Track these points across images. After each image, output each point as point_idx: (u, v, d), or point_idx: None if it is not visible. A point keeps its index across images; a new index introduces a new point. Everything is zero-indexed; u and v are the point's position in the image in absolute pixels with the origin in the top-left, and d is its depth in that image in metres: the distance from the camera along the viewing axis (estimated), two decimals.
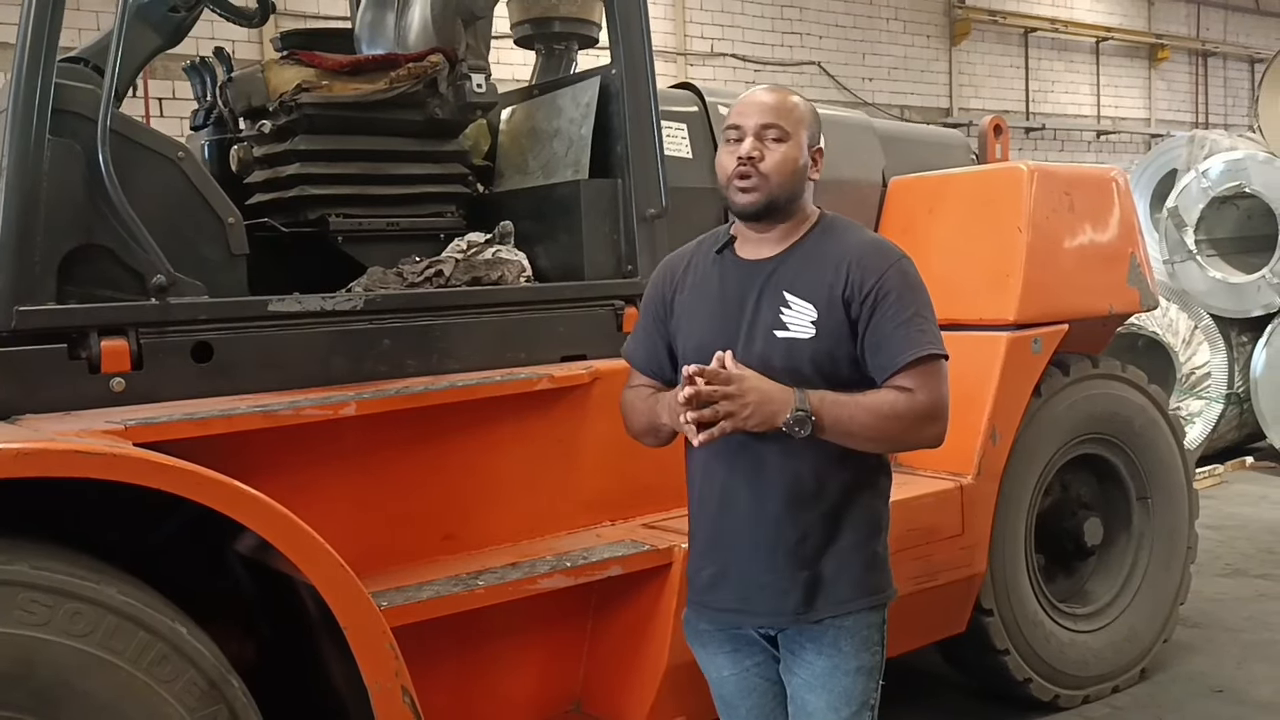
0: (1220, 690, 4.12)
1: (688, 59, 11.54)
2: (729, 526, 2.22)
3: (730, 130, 2.20)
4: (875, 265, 2.16)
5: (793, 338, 2.14)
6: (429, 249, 3.21)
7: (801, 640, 2.23)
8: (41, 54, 2.49)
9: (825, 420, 2.07)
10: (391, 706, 2.32)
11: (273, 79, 3.14)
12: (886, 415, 2.11)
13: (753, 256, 2.24)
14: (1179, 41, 16.88)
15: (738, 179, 2.16)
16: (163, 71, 7.48)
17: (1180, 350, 7.83)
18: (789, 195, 2.19)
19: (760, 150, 2.16)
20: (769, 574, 2.19)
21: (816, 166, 2.25)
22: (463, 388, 2.83)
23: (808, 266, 2.19)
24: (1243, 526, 6.39)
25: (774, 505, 2.17)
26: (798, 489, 2.17)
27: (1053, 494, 4.04)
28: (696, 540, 2.31)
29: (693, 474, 2.30)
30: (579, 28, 4.09)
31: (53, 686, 1.97)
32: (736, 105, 2.23)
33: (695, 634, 2.36)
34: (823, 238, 2.23)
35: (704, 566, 2.27)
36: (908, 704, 4.09)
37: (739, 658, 2.31)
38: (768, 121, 2.17)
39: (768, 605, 2.21)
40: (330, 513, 2.56)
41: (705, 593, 2.28)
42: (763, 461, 2.15)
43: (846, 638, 2.21)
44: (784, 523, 2.17)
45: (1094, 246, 3.95)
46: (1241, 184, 7.66)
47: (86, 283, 2.59)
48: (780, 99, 2.22)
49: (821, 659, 2.21)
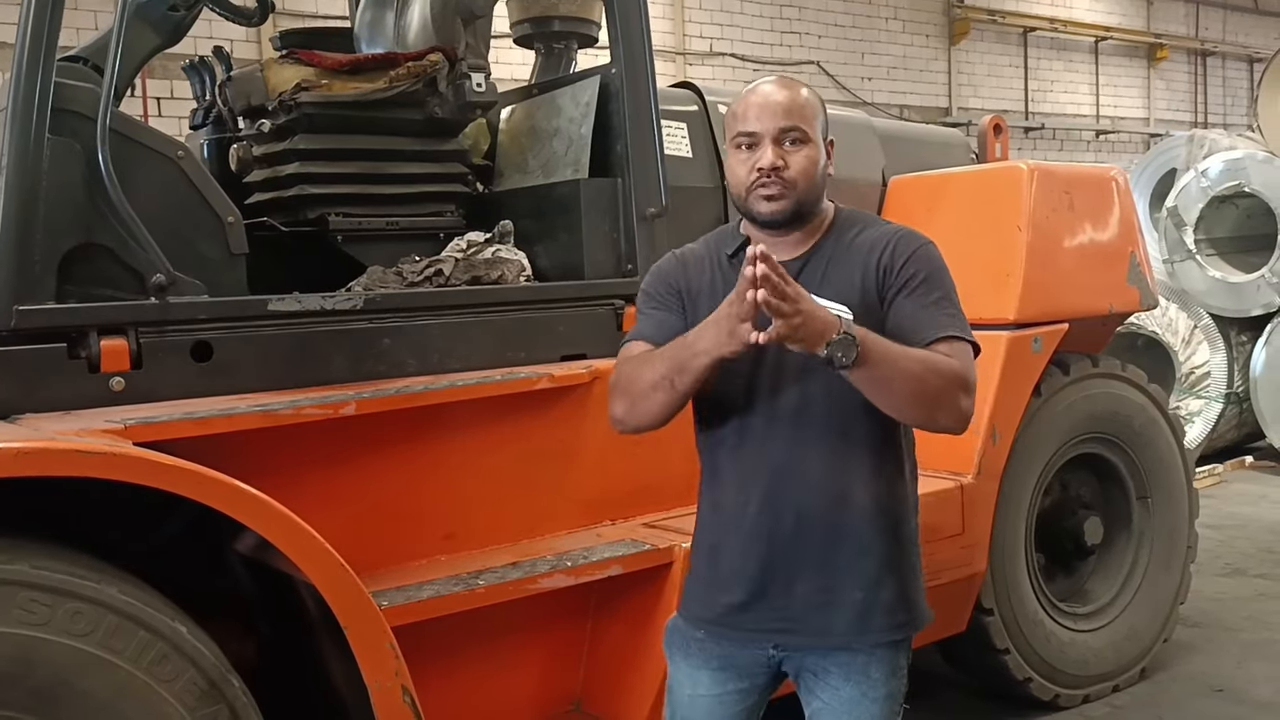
0: (1220, 690, 4.12)
1: (686, 58, 11.54)
2: (773, 544, 2.07)
3: (742, 136, 2.04)
4: (903, 249, 2.06)
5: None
6: (428, 248, 3.21)
7: (828, 665, 2.11)
8: (41, 53, 2.49)
9: (871, 352, 1.86)
10: (392, 706, 2.32)
11: (272, 78, 3.14)
12: (930, 367, 1.94)
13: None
14: (1178, 41, 16.89)
15: (761, 188, 2.02)
16: (161, 71, 7.48)
17: (1180, 350, 7.83)
18: (816, 198, 2.08)
19: (783, 157, 2.01)
20: (815, 594, 2.06)
21: (831, 160, 2.11)
22: (462, 387, 2.82)
23: (835, 267, 2.07)
24: (1242, 526, 6.39)
25: (820, 521, 2.05)
26: (844, 504, 2.05)
27: (1053, 493, 4.04)
28: (723, 559, 2.13)
29: (712, 489, 2.16)
30: (578, 27, 4.09)
31: (53, 686, 1.97)
32: (745, 106, 2.06)
33: (682, 642, 2.21)
34: (844, 234, 2.11)
35: (734, 586, 2.11)
36: (907, 703, 4.09)
37: (724, 678, 2.17)
38: (787, 125, 2.02)
39: (811, 625, 2.07)
40: (330, 512, 2.55)
41: (734, 615, 2.11)
42: (810, 469, 2.03)
43: (878, 665, 2.11)
44: (831, 540, 2.05)
45: (1094, 246, 3.95)
46: (1241, 183, 7.65)
47: (86, 282, 2.59)
48: (792, 96, 2.05)
49: (849, 686, 2.10)
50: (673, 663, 2.25)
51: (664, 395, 2.01)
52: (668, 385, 1.99)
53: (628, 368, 2.10)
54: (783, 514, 2.06)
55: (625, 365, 2.11)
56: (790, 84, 2.10)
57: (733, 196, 2.12)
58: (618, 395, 2.11)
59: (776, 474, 2.05)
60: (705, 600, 2.17)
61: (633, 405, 2.07)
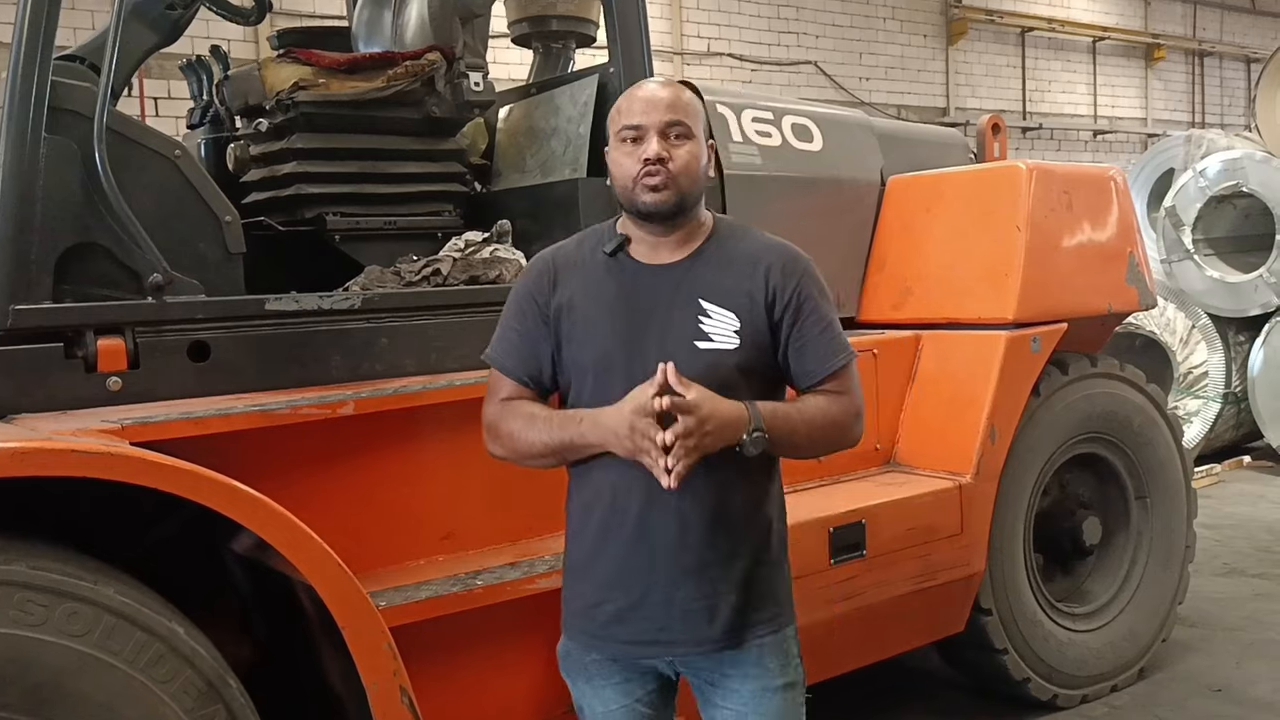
0: (1218, 689, 4.12)
1: (684, 58, 11.54)
2: (646, 555, 2.08)
3: (627, 130, 2.08)
4: (792, 270, 2.12)
5: (717, 348, 2.06)
6: (426, 248, 3.20)
7: (721, 669, 2.14)
8: (38, 52, 2.49)
9: (776, 434, 2.01)
10: (390, 706, 2.31)
11: (269, 77, 3.14)
12: (825, 424, 2.10)
13: (653, 261, 2.13)
14: (1175, 41, 16.91)
15: (647, 177, 2.05)
16: (158, 70, 7.48)
17: (1178, 349, 7.84)
18: (697, 194, 2.12)
19: (668, 150, 2.06)
20: (694, 601, 2.08)
21: (712, 163, 2.16)
22: (460, 387, 2.81)
23: (721, 272, 2.11)
24: (1240, 526, 6.39)
25: (699, 528, 2.07)
26: (723, 510, 2.08)
27: (1051, 493, 4.04)
28: (595, 571, 2.13)
29: (585, 500, 2.14)
30: (576, 26, 4.09)
31: (49, 686, 1.96)
32: (630, 102, 2.11)
33: (579, 666, 2.21)
34: (726, 241, 2.16)
35: (607, 599, 2.11)
36: (906, 704, 4.09)
37: (629, 689, 2.19)
38: (672, 119, 2.07)
39: (690, 634, 2.10)
40: (328, 512, 2.54)
41: (609, 626, 2.12)
42: (686, 485, 1.98)
43: (770, 655, 2.14)
44: (709, 546, 2.07)
45: (1092, 245, 3.95)
46: (1239, 183, 7.66)
47: (83, 281, 2.58)
48: (676, 94, 2.11)
49: (748, 683, 2.14)
50: (575, 688, 2.25)
51: (552, 461, 2.13)
52: (558, 457, 2.11)
53: (509, 422, 2.13)
54: (663, 522, 2.07)
55: (506, 418, 2.14)
56: (675, 84, 2.17)
57: (616, 192, 2.14)
58: (498, 443, 2.16)
59: (655, 485, 2.00)
60: (581, 615, 2.17)
61: (514, 457, 2.15)
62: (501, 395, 2.17)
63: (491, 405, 2.18)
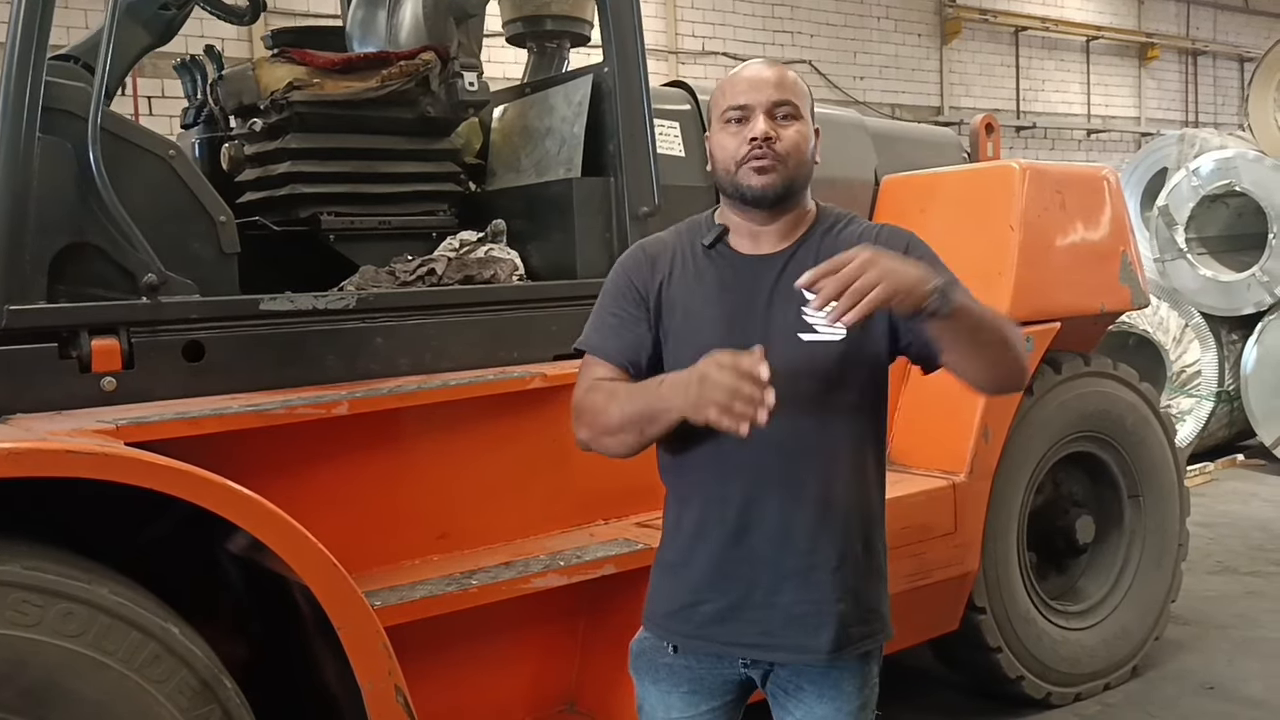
0: (1211, 687, 4.13)
1: (679, 57, 11.54)
2: (751, 550, 1.98)
3: (732, 110, 1.97)
4: (896, 245, 1.98)
5: (820, 340, 1.94)
6: (421, 248, 3.20)
7: (800, 682, 2.05)
8: (32, 52, 2.48)
9: (963, 311, 1.80)
10: (385, 706, 2.32)
11: (264, 77, 3.13)
12: (1010, 334, 1.92)
13: (754, 252, 2.03)
14: (1169, 40, 16.93)
15: (754, 159, 1.95)
16: (152, 70, 7.47)
17: (1171, 348, 7.86)
18: (804, 179, 2.01)
19: (775, 130, 1.95)
20: (802, 604, 1.98)
21: (818, 148, 2.06)
22: (455, 386, 2.82)
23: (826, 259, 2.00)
24: (1233, 524, 6.41)
25: (808, 523, 1.97)
26: (833, 503, 1.98)
27: (1045, 492, 4.05)
28: (692, 568, 2.03)
29: (681, 495, 2.07)
30: (571, 26, 4.08)
31: (44, 687, 1.96)
32: (734, 82, 2.01)
33: (651, 667, 2.13)
34: (831, 229, 2.05)
35: (707, 598, 2.02)
36: (900, 703, 4.09)
37: (696, 700, 2.10)
38: (779, 98, 1.96)
39: (796, 640, 1.99)
40: (323, 512, 2.55)
41: (707, 626, 2.03)
42: (795, 473, 1.94)
43: (850, 678, 2.05)
44: (821, 544, 1.97)
45: (1086, 245, 3.96)
46: (1232, 182, 7.68)
47: (77, 281, 2.58)
48: (783, 73, 2.00)
49: (823, 704, 2.05)
50: (641, 686, 2.18)
51: (631, 438, 1.97)
52: (636, 430, 1.95)
53: (593, 397, 2.01)
54: (764, 515, 1.98)
55: (592, 395, 2.02)
56: (779, 64, 2.06)
57: (718, 176, 2.03)
58: (582, 423, 2.04)
59: (759, 481, 1.96)
60: (679, 613, 2.07)
61: (596, 438, 2.02)
62: (596, 375, 2.06)
63: (582, 391, 2.06)
